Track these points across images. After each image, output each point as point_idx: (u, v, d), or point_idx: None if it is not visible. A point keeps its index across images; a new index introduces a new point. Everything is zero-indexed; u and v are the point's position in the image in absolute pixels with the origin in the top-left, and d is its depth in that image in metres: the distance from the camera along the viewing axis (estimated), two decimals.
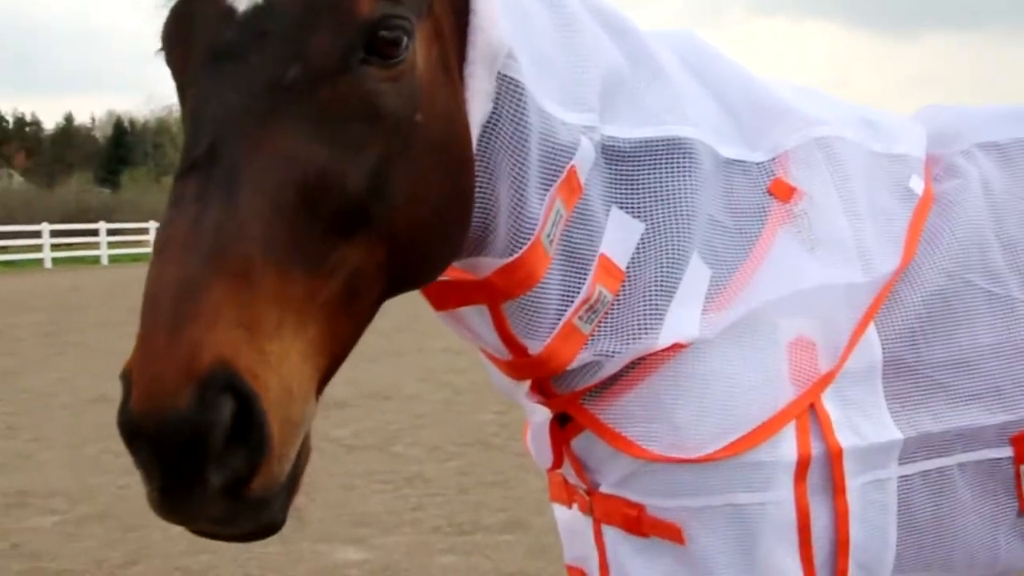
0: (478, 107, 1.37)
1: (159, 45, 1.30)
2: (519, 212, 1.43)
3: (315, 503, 6.14)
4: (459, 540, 5.42)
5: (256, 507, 1.08)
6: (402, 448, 7.58)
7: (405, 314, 14.95)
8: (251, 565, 5.13)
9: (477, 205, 1.40)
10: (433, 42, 1.30)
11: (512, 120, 1.40)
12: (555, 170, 1.47)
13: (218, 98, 1.15)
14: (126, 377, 1.06)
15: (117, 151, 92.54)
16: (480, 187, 1.40)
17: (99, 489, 6.62)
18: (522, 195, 1.43)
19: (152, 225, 43.50)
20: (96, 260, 40.17)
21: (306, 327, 1.13)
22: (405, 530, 5.62)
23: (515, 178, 1.42)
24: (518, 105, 1.40)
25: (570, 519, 1.84)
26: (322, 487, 6.49)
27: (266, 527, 1.12)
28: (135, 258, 42.54)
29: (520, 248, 1.45)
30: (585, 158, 1.50)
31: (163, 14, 1.27)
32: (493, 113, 1.39)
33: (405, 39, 1.22)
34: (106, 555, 5.38)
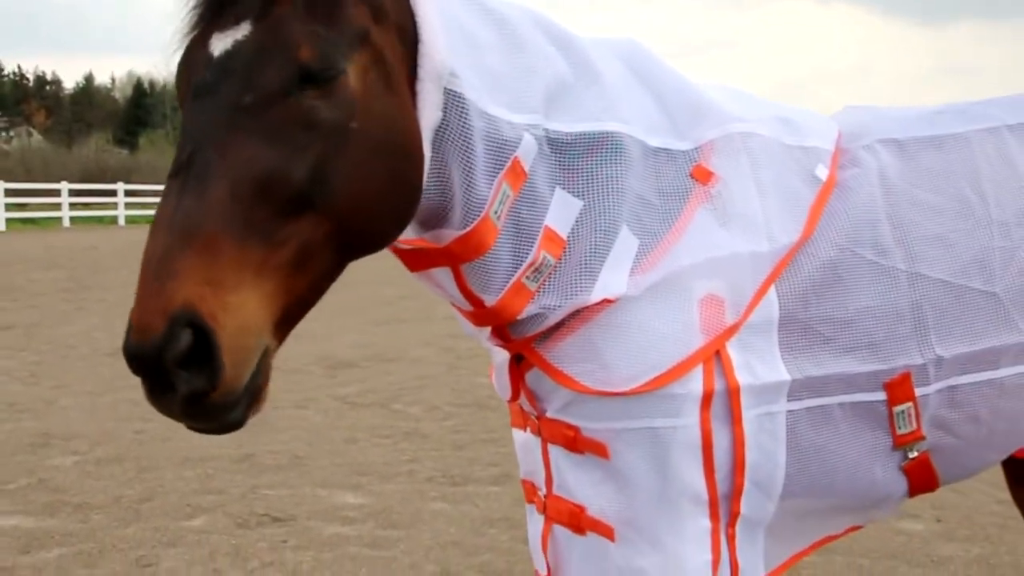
0: (430, 115, 1.74)
1: (175, 85, 1.72)
2: (469, 194, 1.80)
3: (319, 452, 6.57)
4: (451, 490, 5.82)
5: (218, 410, 1.50)
6: (402, 406, 7.99)
7: (411, 284, 15.35)
8: (257, 504, 5.55)
9: (434, 189, 1.78)
10: (371, 66, 1.67)
11: (457, 124, 1.77)
12: (502, 160, 1.83)
13: (197, 119, 1.56)
14: (129, 319, 1.49)
15: (136, 112, 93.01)
16: (436, 175, 1.78)
17: (116, 433, 7.04)
18: (470, 181, 1.79)
19: None
20: (113, 220, 40.66)
21: (262, 283, 1.52)
22: (401, 480, 6.02)
23: (463, 168, 1.79)
24: (461, 112, 1.77)
25: (524, 440, 2.22)
26: (326, 439, 6.92)
27: (230, 424, 1.54)
28: (151, 220, 42.92)
29: (472, 222, 1.82)
30: (528, 150, 1.86)
31: (175, 62, 1.70)
32: (442, 120, 1.76)
33: (333, 68, 1.60)
34: (123, 492, 5.80)
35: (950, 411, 2.12)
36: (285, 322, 1.62)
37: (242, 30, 1.60)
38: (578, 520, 2.03)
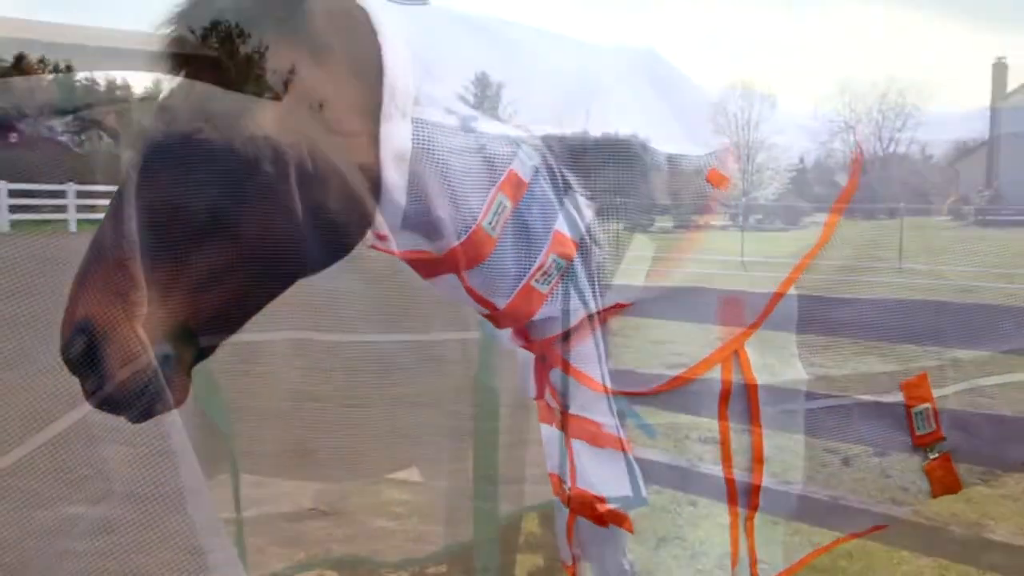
0: (400, 142, 1.83)
1: None
2: (457, 210, 1.90)
3: (368, 448, 6.67)
4: (495, 488, 5.88)
5: (117, 405, 1.76)
6: (453, 405, 8.06)
7: None
8: (304, 498, 5.67)
9: (418, 208, 1.88)
10: (297, 106, 1.77)
11: (430, 150, 1.86)
12: (496, 174, 1.91)
13: (134, 156, 1.74)
14: None
15: None
16: (417, 196, 1.87)
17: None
18: (455, 198, 1.89)
19: None
20: None
21: (168, 298, 1.70)
22: (447, 477, 6.09)
23: (444, 188, 1.88)
24: (435, 138, 1.87)
25: (550, 435, 2.30)
26: (376, 435, 7.02)
27: (135, 416, 1.80)
28: None
29: (464, 235, 1.90)
30: (525, 161, 1.94)
31: None
32: (416, 146, 1.85)
33: (240, 110, 1.72)
34: (178, 483, 5.96)
35: (972, 412, 2.14)
36: (205, 331, 1.79)
37: (176, 80, 1.78)
38: (599, 512, 2.10)
